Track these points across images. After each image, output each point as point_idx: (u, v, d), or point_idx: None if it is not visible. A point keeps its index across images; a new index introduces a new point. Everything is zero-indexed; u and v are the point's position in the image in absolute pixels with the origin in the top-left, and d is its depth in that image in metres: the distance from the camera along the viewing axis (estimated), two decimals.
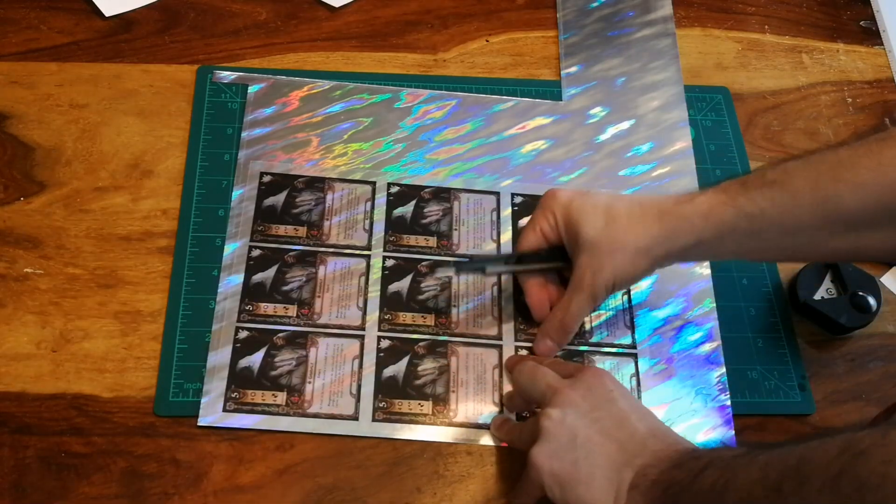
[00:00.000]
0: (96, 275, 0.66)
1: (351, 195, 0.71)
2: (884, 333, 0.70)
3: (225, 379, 0.62)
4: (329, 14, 0.82)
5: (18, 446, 0.59)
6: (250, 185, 0.70)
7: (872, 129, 0.81)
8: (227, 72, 0.76)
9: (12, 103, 0.73)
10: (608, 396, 0.55)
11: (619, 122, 0.78)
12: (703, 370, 0.66)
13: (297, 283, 0.66)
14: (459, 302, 0.67)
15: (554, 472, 0.53)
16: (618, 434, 0.53)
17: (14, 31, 0.77)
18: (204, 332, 0.64)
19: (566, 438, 0.53)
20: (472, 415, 0.63)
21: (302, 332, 0.64)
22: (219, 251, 0.67)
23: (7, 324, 0.63)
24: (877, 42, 0.87)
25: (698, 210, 0.58)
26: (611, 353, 0.66)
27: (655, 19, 0.85)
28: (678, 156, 0.76)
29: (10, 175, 0.70)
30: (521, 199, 0.72)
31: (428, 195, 0.72)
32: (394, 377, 0.63)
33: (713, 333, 0.68)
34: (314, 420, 0.61)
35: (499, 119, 0.77)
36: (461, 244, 0.70)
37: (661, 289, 0.69)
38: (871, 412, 0.65)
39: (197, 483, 0.59)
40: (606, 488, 0.52)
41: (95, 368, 0.62)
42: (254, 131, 0.73)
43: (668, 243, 0.58)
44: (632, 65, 0.81)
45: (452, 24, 0.83)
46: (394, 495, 0.59)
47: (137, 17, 0.79)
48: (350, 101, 0.76)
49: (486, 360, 0.65)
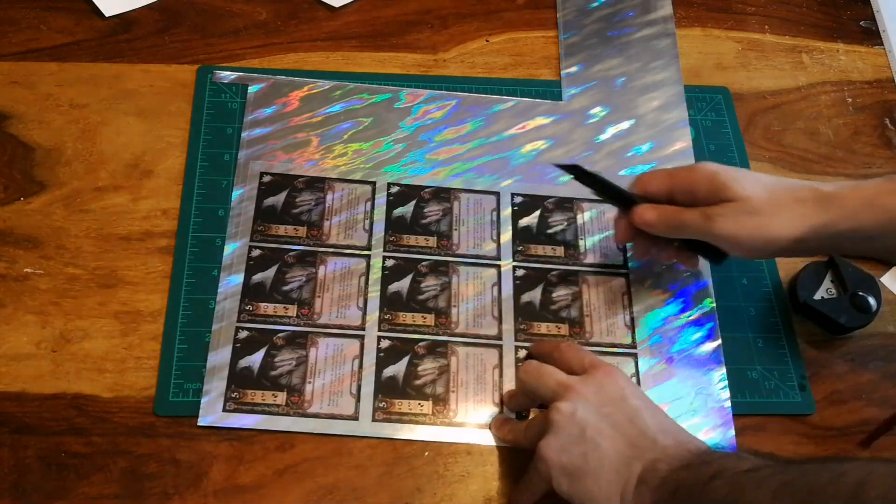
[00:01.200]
0: (96, 275, 0.66)
1: (351, 195, 0.71)
2: (884, 333, 0.70)
3: (225, 379, 0.62)
4: (329, 14, 0.82)
5: (18, 446, 0.59)
6: (250, 185, 0.70)
7: (872, 129, 0.81)
8: (227, 72, 0.76)
9: (12, 103, 0.73)
10: (620, 394, 0.55)
11: (619, 122, 0.78)
12: (703, 370, 0.66)
13: (297, 283, 0.66)
14: (459, 302, 0.67)
15: (563, 464, 0.53)
16: (628, 428, 0.53)
17: (14, 31, 0.77)
18: (204, 332, 0.64)
19: (576, 431, 0.53)
20: (472, 415, 0.63)
21: (302, 332, 0.64)
22: (219, 251, 0.67)
23: (7, 324, 0.63)
24: (877, 42, 0.87)
25: (864, 195, 0.57)
26: (610, 353, 0.66)
27: (655, 19, 0.85)
28: (678, 156, 0.76)
29: (10, 175, 0.70)
30: (520, 199, 0.72)
31: (428, 195, 0.72)
32: (394, 377, 0.63)
33: (713, 333, 0.68)
34: (314, 420, 0.61)
35: (499, 119, 0.77)
36: (461, 244, 0.70)
37: (661, 289, 0.69)
38: (871, 412, 0.65)
39: (197, 483, 0.59)
40: (615, 480, 0.52)
41: (95, 368, 0.62)
42: (254, 131, 0.73)
43: (825, 228, 0.57)
44: (632, 65, 0.81)
45: (452, 24, 0.83)
46: (394, 495, 0.59)
47: (137, 17, 0.79)
48: (350, 101, 0.76)
49: (486, 360, 0.65)
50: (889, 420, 0.62)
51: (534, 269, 0.69)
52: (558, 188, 0.73)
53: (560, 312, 0.67)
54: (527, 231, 0.71)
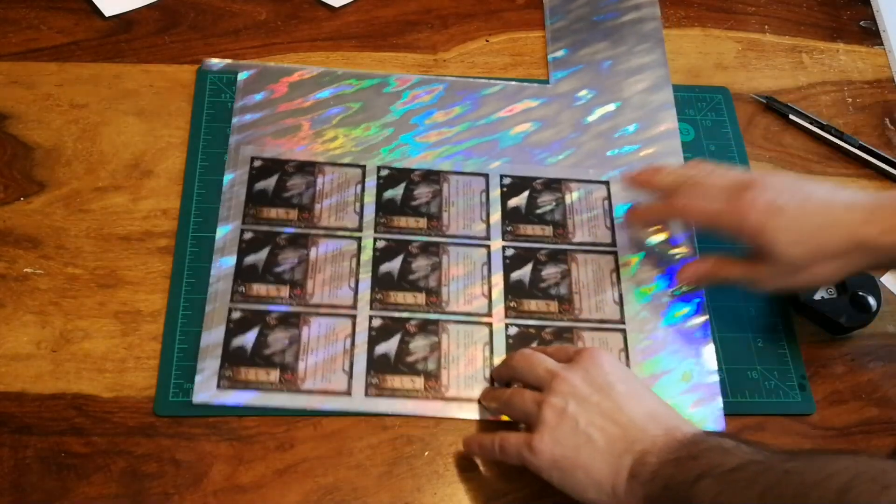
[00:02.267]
0: (96, 275, 0.66)
1: (341, 178, 0.72)
2: (884, 333, 0.70)
3: (218, 358, 0.63)
4: (329, 14, 0.82)
5: (18, 446, 0.59)
6: (241, 169, 0.71)
7: (872, 129, 0.81)
8: (215, 59, 0.77)
9: (12, 103, 0.73)
10: (606, 380, 0.56)
11: (606, 105, 0.79)
12: (691, 345, 0.67)
13: (289, 265, 0.67)
14: (450, 281, 0.68)
15: (555, 458, 0.54)
16: (618, 418, 0.54)
17: (14, 31, 0.77)
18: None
19: (568, 426, 0.54)
20: (463, 389, 0.64)
21: (294, 312, 0.65)
22: None
23: (7, 324, 0.63)
24: (877, 42, 0.87)
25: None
26: (600, 329, 0.67)
27: (641, 3, 0.86)
28: (664, 136, 0.77)
29: (10, 175, 0.70)
30: (509, 180, 0.73)
31: (418, 178, 0.72)
32: (385, 354, 0.64)
33: (700, 308, 0.68)
34: (307, 396, 0.62)
35: (487, 102, 0.78)
36: (451, 225, 0.70)
37: (649, 266, 0.70)
38: (871, 412, 0.66)
39: (197, 483, 0.59)
40: (606, 474, 0.52)
41: (95, 368, 0.62)
42: (244, 117, 0.74)
43: (869, 264, 0.61)
44: (618, 48, 0.82)
45: (452, 24, 0.83)
46: (394, 495, 0.60)
47: (137, 17, 0.79)
48: (339, 86, 0.77)
49: (477, 337, 0.66)
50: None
51: (523, 249, 0.70)
52: (546, 169, 0.74)
53: (549, 290, 0.68)
54: (516, 211, 0.72)
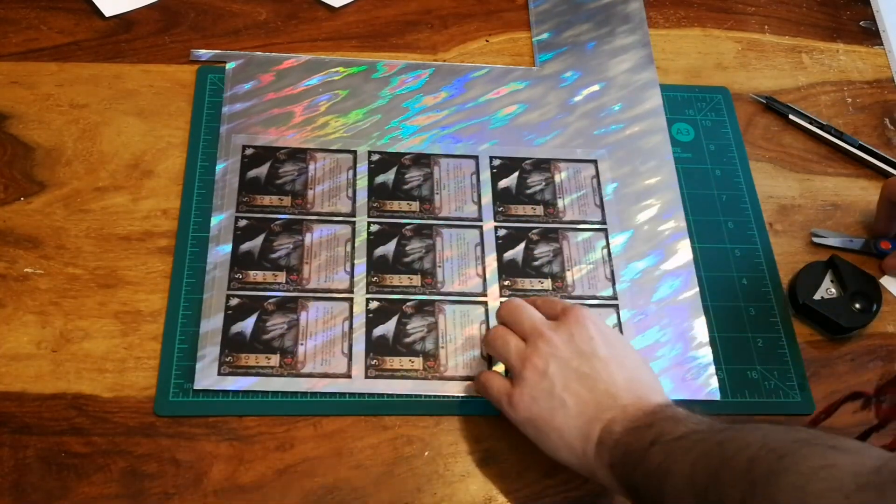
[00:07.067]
0: (96, 275, 0.66)
1: (333, 164, 0.72)
2: (884, 333, 0.70)
3: (218, 344, 0.63)
4: (329, 14, 0.82)
5: (18, 446, 0.59)
6: (233, 158, 0.71)
7: (872, 129, 0.81)
8: (203, 49, 0.77)
9: (12, 103, 0.73)
10: (590, 345, 0.56)
11: (591, 85, 0.80)
12: (683, 318, 0.68)
13: (284, 251, 0.67)
14: (444, 262, 0.68)
15: (532, 415, 0.56)
16: (594, 385, 0.55)
17: (14, 31, 0.77)
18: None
19: (546, 387, 0.55)
20: (462, 368, 0.64)
21: (292, 298, 0.66)
22: None
23: (7, 324, 0.63)
24: (877, 42, 0.87)
25: None
26: (593, 305, 0.68)
27: None
28: (649, 115, 0.78)
29: (10, 175, 0.70)
30: (499, 161, 0.74)
31: (408, 161, 0.73)
32: (384, 336, 0.65)
33: (690, 281, 0.69)
34: (308, 379, 0.62)
35: (474, 86, 0.79)
36: (443, 207, 0.71)
37: (638, 243, 0.71)
38: (871, 412, 0.65)
39: (197, 483, 0.59)
40: (577, 437, 0.54)
41: (95, 368, 0.62)
42: (234, 106, 0.74)
43: None
44: (601, 29, 0.83)
45: (452, 24, 0.83)
46: (394, 495, 0.60)
47: (137, 17, 0.79)
48: (328, 73, 0.77)
49: (473, 316, 0.66)
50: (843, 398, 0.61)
51: (515, 229, 0.71)
52: (535, 150, 0.75)
53: (542, 268, 0.69)
54: (506, 192, 0.72)
